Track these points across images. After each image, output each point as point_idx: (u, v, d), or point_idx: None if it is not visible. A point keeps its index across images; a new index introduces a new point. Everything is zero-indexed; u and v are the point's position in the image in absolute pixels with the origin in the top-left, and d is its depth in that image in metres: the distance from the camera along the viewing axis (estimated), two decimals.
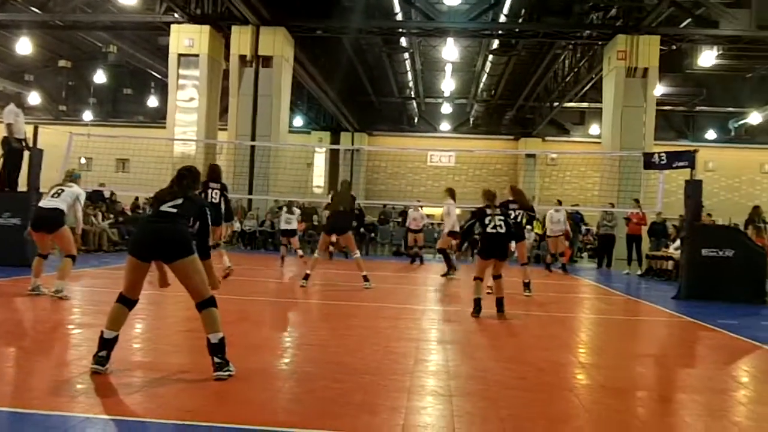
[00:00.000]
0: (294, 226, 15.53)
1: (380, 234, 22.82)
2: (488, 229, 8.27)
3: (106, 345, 4.76)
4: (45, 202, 8.55)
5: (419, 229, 18.15)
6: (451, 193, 14.40)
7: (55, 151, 14.02)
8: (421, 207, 18.76)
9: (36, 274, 8.52)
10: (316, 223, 22.87)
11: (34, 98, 34.02)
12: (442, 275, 13.67)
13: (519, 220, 10.73)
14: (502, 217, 8.35)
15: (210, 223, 5.14)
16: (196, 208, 5.06)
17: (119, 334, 4.88)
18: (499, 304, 8.33)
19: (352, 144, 37.34)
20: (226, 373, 4.68)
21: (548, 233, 17.00)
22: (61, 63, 29.35)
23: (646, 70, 21.28)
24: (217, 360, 4.73)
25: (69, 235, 8.60)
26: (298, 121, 36.15)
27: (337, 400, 4.37)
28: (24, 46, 25.09)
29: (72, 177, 9.22)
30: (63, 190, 8.64)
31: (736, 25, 20.70)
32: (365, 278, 10.77)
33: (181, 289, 4.84)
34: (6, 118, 12.51)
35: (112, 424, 3.75)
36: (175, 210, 4.91)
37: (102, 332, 4.82)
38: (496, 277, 8.41)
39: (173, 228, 4.85)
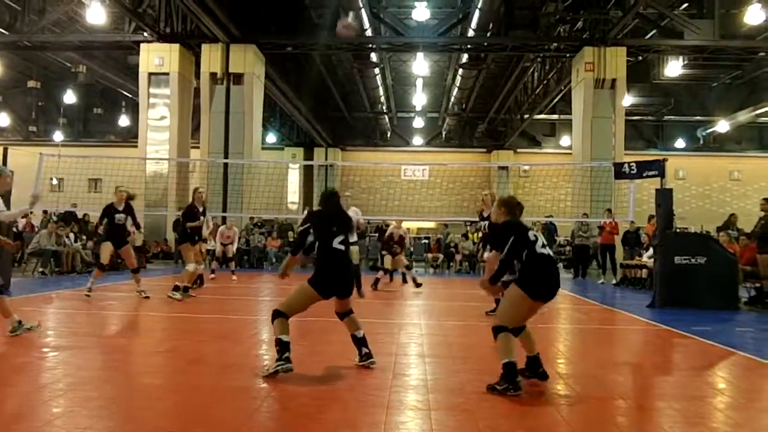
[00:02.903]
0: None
1: (359, 248, 22.73)
2: (538, 249, 5.28)
3: (288, 346, 5.43)
4: None
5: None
6: None
7: (26, 172, 13.88)
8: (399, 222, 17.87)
9: None
10: (291, 239, 22.78)
11: (3, 119, 33.66)
12: None
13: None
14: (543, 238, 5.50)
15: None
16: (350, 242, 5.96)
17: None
18: (535, 362, 5.51)
19: (326, 159, 37.37)
20: (372, 361, 5.78)
21: None
22: (31, 83, 29.08)
23: (614, 81, 21.59)
24: (365, 351, 5.80)
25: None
26: (271, 138, 36.11)
27: (316, 417, 4.35)
28: None
29: None
30: None
31: (700, 36, 21.12)
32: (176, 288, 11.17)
33: (157, 310, 4.81)
34: None
35: None
36: (343, 248, 5.71)
37: (280, 338, 5.42)
38: (523, 327, 5.47)
39: (350, 273, 5.88)
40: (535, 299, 5.24)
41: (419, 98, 32.51)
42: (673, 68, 24.91)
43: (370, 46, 23.70)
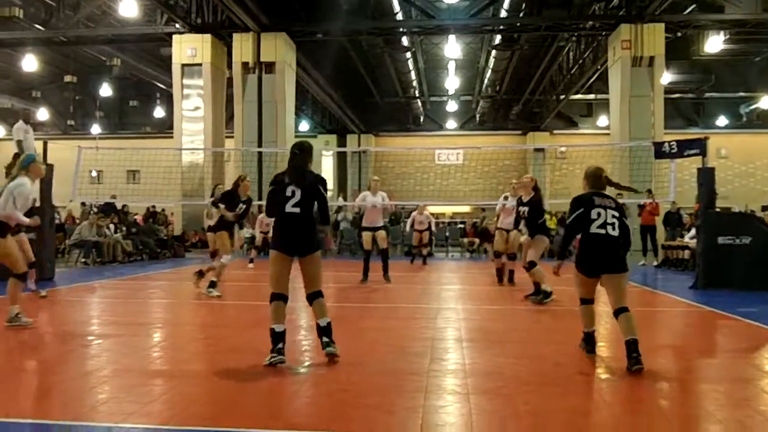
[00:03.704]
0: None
1: (391, 234, 22.78)
2: (593, 229, 5.50)
3: (281, 337, 5.30)
4: None
5: (424, 228, 18.07)
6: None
7: (66, 166, 14.08)
8: (425, 209, 18.60)
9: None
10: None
11: (42, 114, 34.27)
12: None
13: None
14: (616, 213, 5.59)
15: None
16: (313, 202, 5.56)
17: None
18: (632, 348, 5.20)
19: (359, 146, 37.36)
20: (331, 350, 5.42)
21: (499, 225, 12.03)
22: (67, 78, 29.49)
23: (652, 58, 21.12)
24: (326, 339, 5.44)
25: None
26: (304, 126, 36.14)
27: (353, 401, 4.34)
28: (30, 63, 25.43)
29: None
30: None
31: (741, 9, 20.56)
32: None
33: (196, 298, 4.85)
34: (16, 135, 12.64)
35: None
36: (298, 210, 5.44)
37: (272, 329, 5.31)
38: (620, 311, 5.42)
39: (307, 232, 5.51)
40: (585, 275, 5.63)
41: (452, 81, 32.20)
42: (714, 43, 24.28)
43: (401, 29, 23.55)
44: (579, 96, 31.99)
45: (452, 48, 26.14)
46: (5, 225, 6.84)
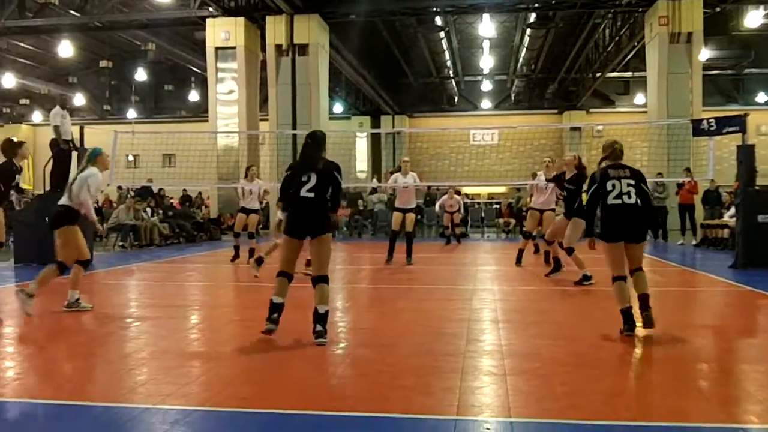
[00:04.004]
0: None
1: (426, 215, 22.77)
2: (609, 200, 5.85)
3: (277, 308, 5.52)
4: None
5: (454, 210, 18.11)
6: None
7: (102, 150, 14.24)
8: (457, 193, 18.61)
9: None
10: (361, 208, 22.89)
11: (79, 99, 34.76)
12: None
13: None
14: (632, 181, 5.87)
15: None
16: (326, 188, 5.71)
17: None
18: (643, 301, 5.79)
19: (393, 127, 37.22)
20: (322, 341, 5.36)
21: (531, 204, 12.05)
22: (103, 63, 29.85)
23: (690, 34, 20.67)
24: (318, 328, 5.42)
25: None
26: (338, 108, 36.11)
27: (390, 382, 4.36)
28: (65, 48, 25.74)
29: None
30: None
31: None
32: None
33: (234, 280, 4.91)
34: (53, 120, 12.80)
35: (171, 413, 3.78)
36: (313, 195, 5.59)
37: (271, 299, 5.53)
38: (635, 270, 6.01)
39: (318, 215, 5.65)
40: (612, 242, 5.87)
41: (486, 61, 31.86)
42: (753, 18, 23.66)
43: (434, 9, 23.34)
44: (615, 74, 31.47)
45: (486, 27, 25.85)
46: (76, 212, 6.97)
